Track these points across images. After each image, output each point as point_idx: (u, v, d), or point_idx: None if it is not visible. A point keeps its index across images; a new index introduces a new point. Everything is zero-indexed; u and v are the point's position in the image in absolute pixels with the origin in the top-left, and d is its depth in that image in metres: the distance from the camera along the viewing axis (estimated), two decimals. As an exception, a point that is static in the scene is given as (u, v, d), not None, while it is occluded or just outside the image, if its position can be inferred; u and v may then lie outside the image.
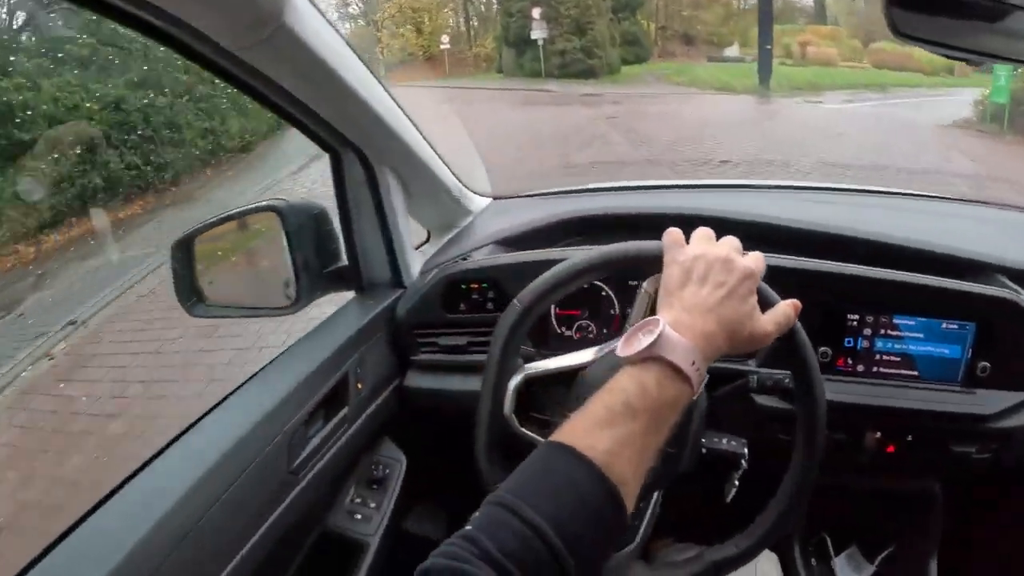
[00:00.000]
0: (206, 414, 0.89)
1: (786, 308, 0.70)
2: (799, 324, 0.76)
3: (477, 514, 0.49)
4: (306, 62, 0.83)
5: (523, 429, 0.80)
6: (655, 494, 0.80)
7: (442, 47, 20.14)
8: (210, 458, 0.78)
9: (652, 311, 0.69)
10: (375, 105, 0.98)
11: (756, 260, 0.69)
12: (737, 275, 0.65)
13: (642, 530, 0.79)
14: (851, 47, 19.20)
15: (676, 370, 0.57)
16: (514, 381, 0.80)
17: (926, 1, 0.68)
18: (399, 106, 1.06)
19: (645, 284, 0.78)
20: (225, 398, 0.92)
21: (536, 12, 16.66)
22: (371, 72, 0.98)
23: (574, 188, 1.46)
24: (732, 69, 16.99)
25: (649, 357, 0.58)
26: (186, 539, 0.72)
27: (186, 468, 0.77)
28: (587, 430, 0.54)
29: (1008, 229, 1.36)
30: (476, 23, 21.76)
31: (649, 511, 0.80)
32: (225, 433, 0.83)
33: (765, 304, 0.69)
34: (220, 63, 0.80)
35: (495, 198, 1.45)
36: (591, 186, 1.45)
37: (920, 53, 17.75)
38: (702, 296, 0.63)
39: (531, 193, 1.50)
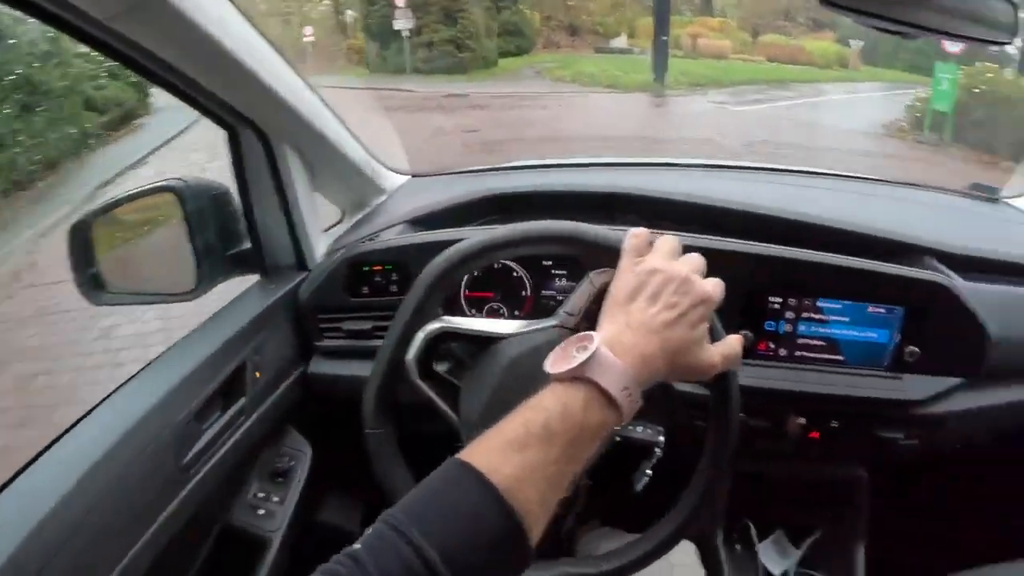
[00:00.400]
0: (95, 408, 0.84)
1: (735, 343, 0.67)
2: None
3: (369, 530, 0.47)
4: (185, 31, 0.77)
5: (420, 382, 0.76)
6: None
7: (305, 39, 17.32)
8: (94, 455, 0.74)
9: (595, 303, 0.68)
10: (270, 78, 0.92)
11: (715, 286, 0.65)
12: (692, 298, 0.61)
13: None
14: (742, 40, 18.76)
15: (605, 394, 0.54)
16: (428, 327, 0.76)
17: None
18: (302, 79, 1.01)
19: (592, 274, 0.73)
20: (115, 390, 0.88)
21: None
22: (268, 42, 0.93)
23: (497, 166, 1.42)
24: (621, 62, 15.61)
25: (579, 377, 0.54)
26: (69, 541, 0.68)
27: (69, 467, 0.73)
28: (497, 450, 0.51)
29: (940, 211, 1.35)
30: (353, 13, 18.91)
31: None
32: (110, 428, 0.78)
33: (714, 335, 0.67)
34: (95, 34, 0.74)
35: (414, 176, 1.40)
36: (515, 164, 1.42)
37: (813, 46, 17.84)
38: (650, 315, 0.60)
39: (452, 171, 1.45)
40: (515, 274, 1.08)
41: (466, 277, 1.07)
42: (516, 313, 1.09)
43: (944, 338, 0.98)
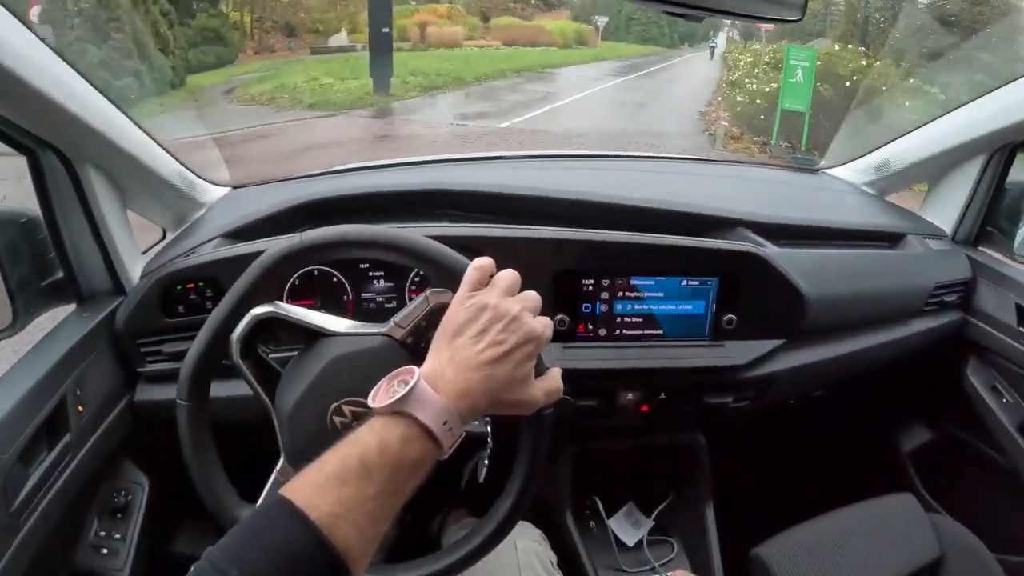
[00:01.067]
0: None
1: (556, 376, 0.68)
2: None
3: (192, 569, 0.46)
4: None
5: (241, 362, 0.74)
6: None
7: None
8: None
9: (425, 320, 0.71)
10: (65, 100, 0.87)
11: (545, 326, 0.65)
12: (519, 337, 0.61)
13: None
14: (471, 24, 18.14)
15: (424, 428, 0.55)
16: (258, 309, 0.74)
17: None
18: (104, 96, 0.97)
19: (429, 292, 0.73)
20: None
21: (33, 11, 8.36)
22: (60, 57, 0.88)
23: (318, 171, 1.38)
24: (339, 64, 13.05)
25: (398, 412, 0.55)
26: None
27: None
28: (316, 486, 0.51)
29: (761, 186, 1.43)
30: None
31: None
32: None
33: (538, 369, 0.67)
34: None
35: (234, 187, 1.35)
36: (337, 168, 1.39)
37: (552, 25, 18.39)
38: (474, 352, 0.60)
39: (272, 179, 1.41)
40: (335, 279, 1.07)
41: (288, 284, 1.05)
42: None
43: (760, 303, 1.04)
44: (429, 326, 0.70)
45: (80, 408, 0.95)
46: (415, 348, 0.72)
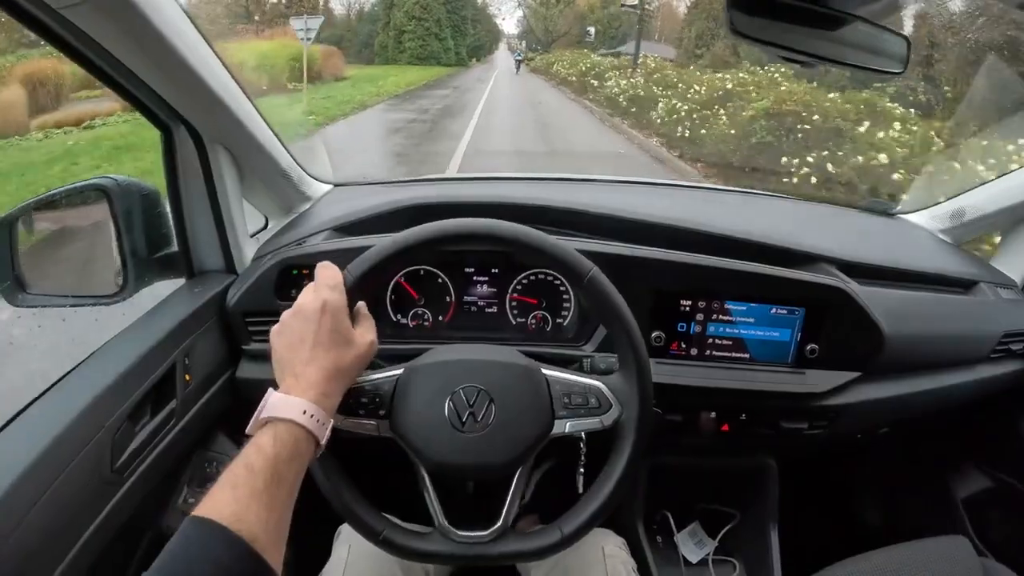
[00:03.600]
0: (21, 412, 0.82)
1: (363, 309, 0.79)
2: (620, 300, 0.78)
3: None
4: (136, 27, 0.78)
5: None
6: (517, 474, 0.79)
7: None
8: (24, 460, 0.72)
9: None
10: (209, 78, 0.92)
11: (326, 282, 0.75)
12: (311, 321, 0.71)
13: (505, 509, 0.78)
14: None
15: (290, 423, 0.64)
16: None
17: (766, 6, 0.71)
18: (237, 83, 1.01)
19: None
20: (42, 394, 0.85)
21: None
22: (208, 43, 0.93)
23: (418, 177, 1.45)
24: None
25: (265, 421, 0.64)
26: (4, 546, 0.67)
27: (5, 467, 0.71)
28: (217, 497, 0.58)
29: (839, 225, 1.46)
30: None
31: (511, 492, 0.79)
32: (41, 432, 0.76)
33: (355, 317, 0.76)
34: (43, 20, 0.74)
35: (336, 185, 1.41)
36: (433, 176, 1.45)
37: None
38: (296, 361, 0.70)
39: (373, 181, 1.46)
40: (439, 280, 1.11)
41: (393, 281, 1.10)
42: (440, 319, 1.12)
43: (841, 336, 1.06)
44: None
45: (187, 377, 0.99)
46: None
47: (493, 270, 1.10)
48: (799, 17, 0.72)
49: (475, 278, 1.11)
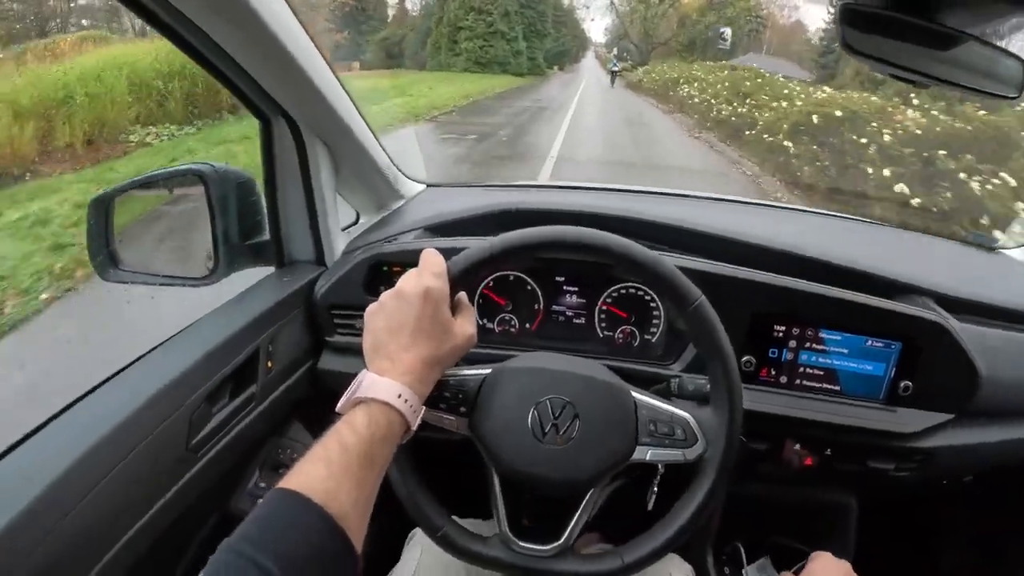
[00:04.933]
0: (103, 382, 0.84)
1: (464, 299, 0.77)
2: (724, 335, 0.76)
3: (211, 559, 0.50)
4: (243, 19, 0.80)
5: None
6: (589, 493, 0.77)
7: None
8: (103, 429, 0.74)
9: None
10: (311, 72, 0.94)
11: (430, 269, 0.73)
12: (413, 307, 0.69)
13: (570, 528, 0.77)
14: None
15: (384, 405, 0.63)
16: None
17: (879, 23, 0.69)
18: (338, 79, 1.03)
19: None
20: (125, 367, 0.88)
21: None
22: (309, 38, 0.94)
23: (508, 183, 1.44)
24: None
25: (359, 401, 0.64)
26: (74, 511, 0.68)
27: (77, 438, 0.72)
28: (308, 472, 0.57)
29: (939, 257, 1.40)
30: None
31: (579, 511, 0.77)
32: (121, 403, 0.78)
33: (456, 307, 0.74)
34: (154, 11, 0.76)
35: (429, 185, 1.42)
36: (524, 182, 1.44)
37: None
38: (393, 344, 0.69)
39: (465, 183, 1.46)
40: (528, 287, 1.09)
41: (482, 285, 1.09)
42: (527, 326, 1.11)
43: (937, 374, 1.01)
44: None
45: (269, 364, 1.01)
46: None
47: (584, 281, 1.09)
48: (911, 35, 0.69)
49: (565, 287, 1.09)
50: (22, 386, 2.53)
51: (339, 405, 0.65)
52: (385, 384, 0.64)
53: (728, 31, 31.15)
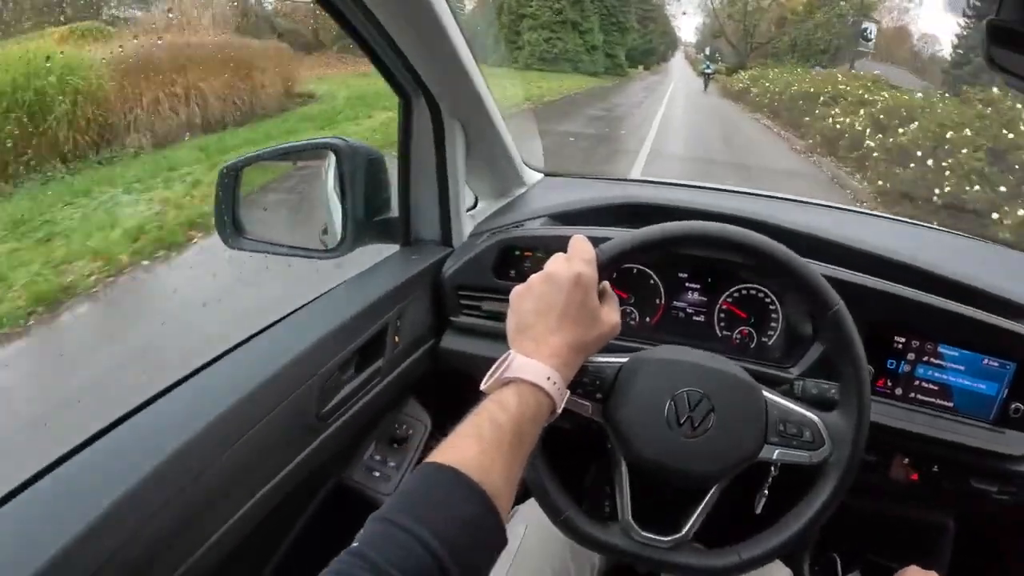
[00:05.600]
0: (238, 346, 0.86)
1: (608, 289, 0.77)
2: (859, 342, 0.77)
3: (362, 531, 0.51)
4: None
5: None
6: (714, 487, 0.78)
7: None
8: (240, 391, 0.75)
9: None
10: (461, 54, 0.96)
11: (581, 255, 0.73)
12: (563, 291, 0.69)
13: (692, 521, 0.78)
14: None
15: (534, 386, 0.63)
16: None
17: None
18: (476, 61, 1.04)
19: None
20: (259, 332, 0.90)
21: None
22: (456, 19, 0.95)
23: (625, 177, 1.45)
24: None
25: (508, 381, 0.64)
26: (203, 474, 0.69)
27: (212, 399, 0.74)
28: (461, 447, 0.57)
29: None
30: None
31: (702, 505, 0.78)
32: (258, 368, 0.80)
33: (601, 295, 0.74)
34: None
35: (547, 174, 1.43)
36: (641, 177, 1.44)
37: None
38: (541, 327, 0.69)
39: (582, 175, 1.48)
40: (651, 281, 1.10)
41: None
42: (647, 320, 1.11)
43: None
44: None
45: (396, 339, 1.02)
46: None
47: (707, 278, 1.09)
48: None
49: (687, 284, 1.09)
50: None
51: (485, 384, 0.65)
52: (535, 366, 0.65)
53: (873, 28, 24.42)
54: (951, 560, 1.21)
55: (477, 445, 0.57)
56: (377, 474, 1.05)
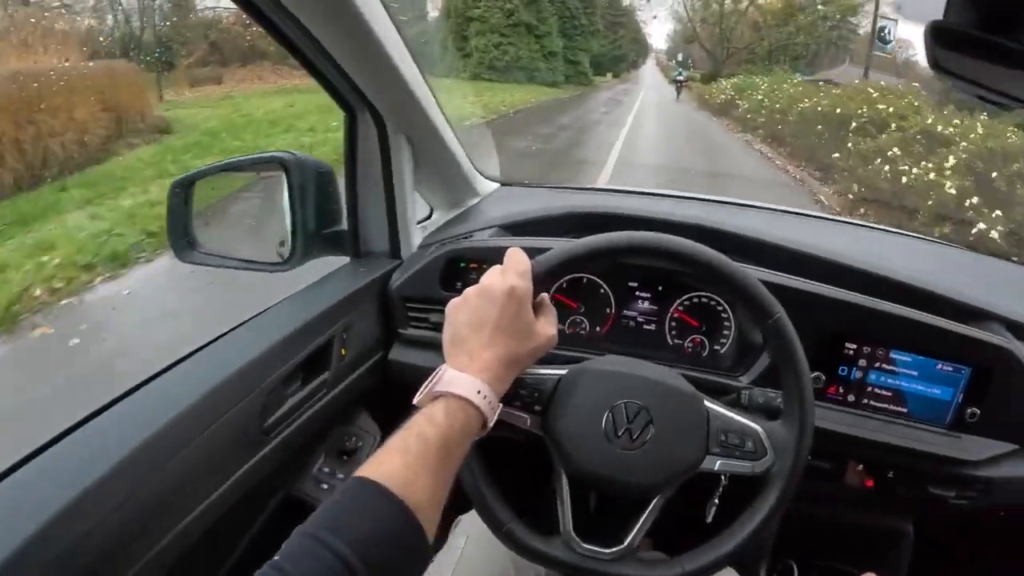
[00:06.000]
0: (182, 360, 0.86)
1: (546, 300, 0.77)
2: (801, 350, 0.77)
3: (285, 544, 0.51)
4: (338, 9, 0.82)
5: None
6: (655, 499, 0.78)
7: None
8: (181, 405, 0.76)
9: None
10: (402, 68, 0.96)
11: (515, 268, 0.73)
12: (496, 304, 0.70)
13: (634, 532, 0.78)
14: None
15: (463, 400, 0.64)
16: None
17: (970, 43, 0.68)
18: (422, 73, 1.04)
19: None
20: (204, 346, 0.90)
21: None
22: (400, 33, 0.96)
23: (581, 186, 1.46)
24: None
25: (438, 395, 0.64)
26: (145, 486, 0.69)
27: (153, 413, 0.74)
28: (386, 462, 0.57)
29: (1008, 281, 1.37)
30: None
31: (643, 516, 0.78)
32: (199, 382, 0.80)
33: (537, 307, 0.74)
34: (256, 3, 0.78)
35: (503, 184, 1.44)
36: (598, 186, 1.45)
37: None
38: (474, 341, 0.69)
39: (539, 184, 1.48)
40: (601, 290, 1.10)
41: (556, 285, 1.09)
42: (597, 329, 1.11)
43: (1004, 403, 1.00)
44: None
45: (343, 352, 1.02)
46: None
47: (657, 287, 1.09)
48: (1003, 57, 0.68)
49: (637, 293, 1.10)
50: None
51: (417, 398, 0.65)
52: (465, 380, 0.65)
53: (892, 26, 19.56)
54: (910, 565, 1.21)
55: (401, 459, 0.57)
56: (326, 487, 1.05)
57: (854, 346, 1.01)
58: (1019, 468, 1.04)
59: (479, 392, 0.65)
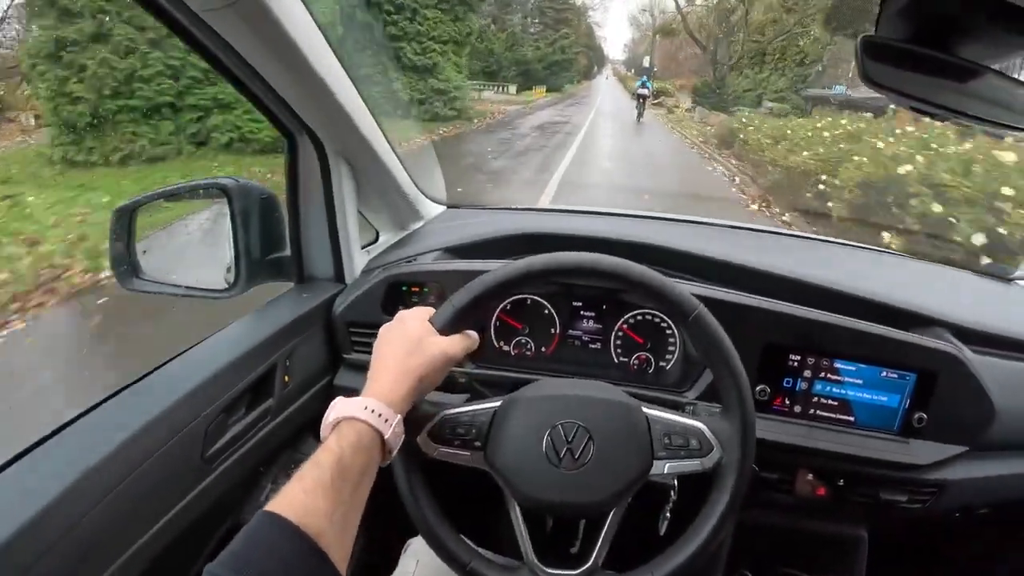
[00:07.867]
0: (120, 391, 0.85)
1: (466, 333, 0.80)
2: (728, 341, 0.77)
3: None
4: (272, 35, 0.81)
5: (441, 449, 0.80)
6: (611, 513, 0.78)
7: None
8: (118, 437, 0.75)
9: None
10: (338, 93, 0.96)
11: (420, 315, 0.79)
12: (391, 330, 0.76)
13: (596, 549, 0.77)
14: None
15: (350, 419, 0.66)
16: (430, 424, 0.80)
17: (899, 55, 0.70)
18: (363, 99, 1.04)
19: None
20: (143, 377, 0.89)
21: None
22: (337, 58, 0.95)
23: (528, 207, 1.46)
24: None
25: (333, 423, 0.66)
26: (86, 518, 0.69)
27: (92, 446, 0.73)
28: (286, 493, 0.59)
29: (953, 287, 1.39)
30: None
31: (603, 532, 0.78)
32: (138, 413, 0.80)
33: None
34: (185, 25, 0.78)
35: (449, 206, 1.44)
36: (544, 207, 1.46)
37: None
38: (375, 367, 0.73)
39: (485, 206, 1.49)
40: (545, 311, 1.10)
41: (499, 308, 1.09)
42: (543, 350, 1.11)
43: (951, 406, 1.02)
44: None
45: (286, 379, 1.02)
46: None
47: (602, 306, 1.09)
48: (931, 68, 0.70)
49: (582, 312, 1.10)
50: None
51: (320, 433, 0.67)
52: (352, 401, 0.67)
53: None
54: (867, 571, 1.22)
55: (300, 488, 0.59)
56: (247, 525, 1.04)
57: (798, 357, 1.03)
58: (971, 469, 1.06)
59: (366, 407, 0.67)
